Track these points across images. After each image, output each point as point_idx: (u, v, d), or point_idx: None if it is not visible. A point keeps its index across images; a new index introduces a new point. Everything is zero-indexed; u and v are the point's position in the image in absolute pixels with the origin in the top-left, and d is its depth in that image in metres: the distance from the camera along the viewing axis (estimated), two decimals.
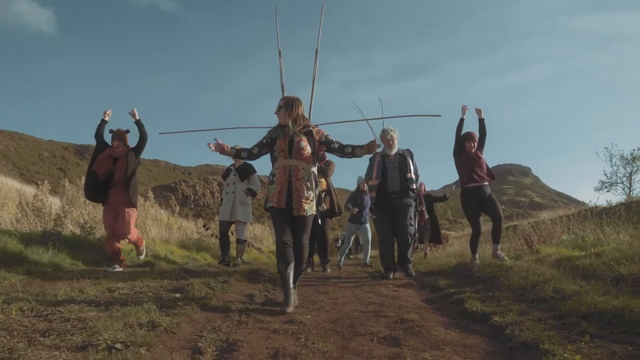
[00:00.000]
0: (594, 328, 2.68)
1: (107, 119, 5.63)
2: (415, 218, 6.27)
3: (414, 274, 5.52)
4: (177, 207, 11.21)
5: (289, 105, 3.70)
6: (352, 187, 8.56)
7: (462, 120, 5.83)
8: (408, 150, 5.90)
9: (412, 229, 5.68)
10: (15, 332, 2.41)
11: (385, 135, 5.78)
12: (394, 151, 5.78)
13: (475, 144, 5.82)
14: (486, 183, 5.73)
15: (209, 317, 3.15)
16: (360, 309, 3.59)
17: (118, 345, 2.25)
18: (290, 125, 3.66)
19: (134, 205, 5.52)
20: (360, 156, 3.78)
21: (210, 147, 3.76)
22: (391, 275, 5.47)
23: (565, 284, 3.73)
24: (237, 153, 3.88)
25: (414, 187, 5.73)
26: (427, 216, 9.92)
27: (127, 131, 5.62)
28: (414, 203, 5.72)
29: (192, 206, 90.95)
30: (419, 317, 3.23)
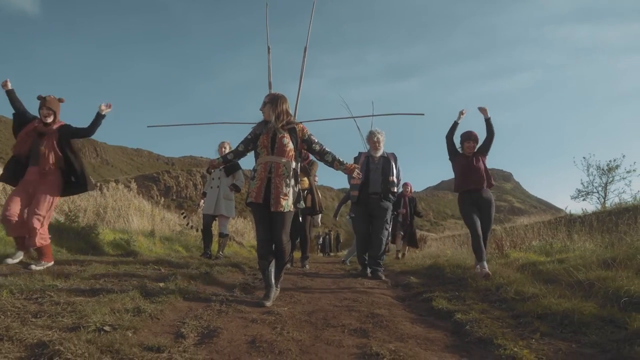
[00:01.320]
0: (546, 327, 2.94)
1: (9, 87, 4.53)
2: (390, 222, 6.41)
3: (383, 277, 5.55)
4: (162, 199, 11.26)
5: (273, 101, 3.74)
6: (337, 185, 8.42)
7: (455, 123, 5.39)
8: (393, 154, 6.03)
9: (386, 233, 5.81)
10: (9, 313, 2.56)
11: (372, 137, 5.90)
12: (379, 153, 5.89)
13: (476, 145, 5.33)
14: (485, 188, 5.27)
15: (191, 306, 3.33)
16: (335, 303, 3.80)
17: (106, 328, 2.42)
18: (273, 121, 3.70)
19: (57, 194, 4.54)
20: (336, 170, 3.86)
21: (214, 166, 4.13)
22: (368, 273, 5.63)
23: (527, 287, 4.00)
24: (224, 159, 3.98)
25: (395, 190, 5.90)
26: (409, 219, 10.01)
27: (61, 100, 4.65)
28: (391, 207, 5.89)
29: (174, 197, 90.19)
30: (388, 313, 3.45)
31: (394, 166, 5.89)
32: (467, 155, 5.32)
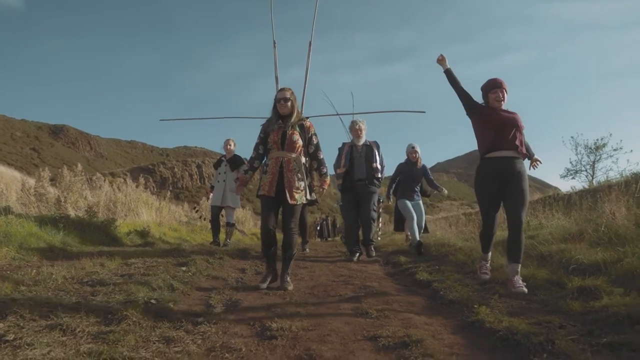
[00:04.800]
0: (505, 290, 3.61)
1: None
2: (378, 205, 6.83)
3: (374, 254, 6.06)
4: (168, 193, 11.87)
5: (289, 100, 3.92)
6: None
7: (448, 71, 4.12)
8: (375, 142, 6.42)
9: (374, 215, 6.24)
10: (71, 293, 3.19)
11: (354, 125, 6.31)
12: (362, 142, 6.27)
13: (506, 94, 3.87)
14: (518, 156, 3.81)
15: (213, 284, 3.96)
16: (333, 279, 4.46)
17: (153, 301, 3.05)
18: (292, 119, 3.92)
19: None
20: (314, 174, 4.16)
21: (240, 188, 4.28)
22: (355, 258, 6.02)
23: (497, 260, 4.66)
24: (252, 169, 4.08)
25: (379, 176, 6.34)
26: None
27: None
28: (377, 190, 6.33)
29: (171, 188, 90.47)
30: (378, 285, 4.11)
31: (376, 153, 6.25)
32: (495, 109, 3.88)
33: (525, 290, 3.52)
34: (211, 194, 7.39)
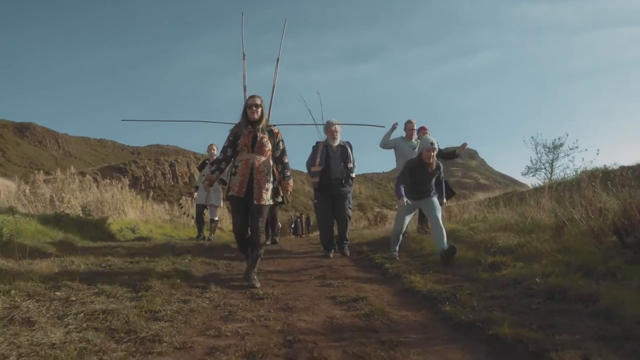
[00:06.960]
0: (439, 268, 4.62)
1: None
2: (350, 203, 7.39)
3: (348, 253, 6.19)
4: (151, 192, 12.58)
5: (260, 106, 4.15)
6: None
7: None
8: (348, 142, 6.76)
9: (350, 212, 6.51)
10: (97, 274, 4.03)
11: (330, 126, 6.60)
12: (337, 142, 6.53)
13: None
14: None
15: (207, 269, 4.84)
16: (305, 264, 5.40)
17: (165, 278, 3.92)
18: (261, 124, 4.14)
19: None
20: (277, 176, 4.43)
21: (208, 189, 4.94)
22: (330, 255, 6.15)
23: (432, 246, 5.66)
24: (219, 170, 4.22)
25: (353, 175, 6.68)
26: None
27: None
28: (351, 190, 6.63)
29: (143, 187, 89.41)
30: (342, 267, 5.08)
31: (350, 154, 6.57)
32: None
33: None
34: (196, 194, 8.23)
